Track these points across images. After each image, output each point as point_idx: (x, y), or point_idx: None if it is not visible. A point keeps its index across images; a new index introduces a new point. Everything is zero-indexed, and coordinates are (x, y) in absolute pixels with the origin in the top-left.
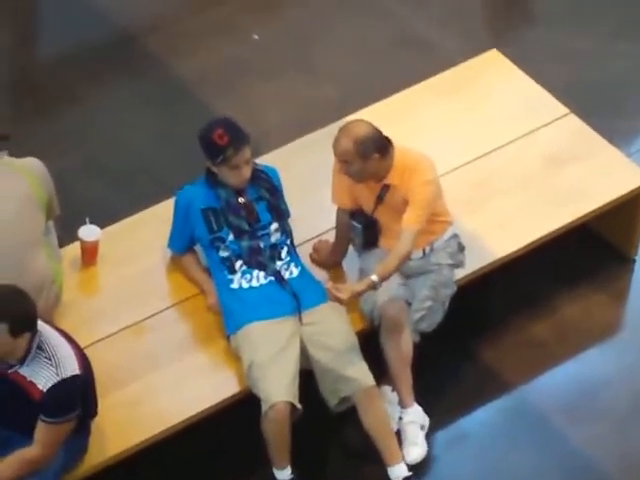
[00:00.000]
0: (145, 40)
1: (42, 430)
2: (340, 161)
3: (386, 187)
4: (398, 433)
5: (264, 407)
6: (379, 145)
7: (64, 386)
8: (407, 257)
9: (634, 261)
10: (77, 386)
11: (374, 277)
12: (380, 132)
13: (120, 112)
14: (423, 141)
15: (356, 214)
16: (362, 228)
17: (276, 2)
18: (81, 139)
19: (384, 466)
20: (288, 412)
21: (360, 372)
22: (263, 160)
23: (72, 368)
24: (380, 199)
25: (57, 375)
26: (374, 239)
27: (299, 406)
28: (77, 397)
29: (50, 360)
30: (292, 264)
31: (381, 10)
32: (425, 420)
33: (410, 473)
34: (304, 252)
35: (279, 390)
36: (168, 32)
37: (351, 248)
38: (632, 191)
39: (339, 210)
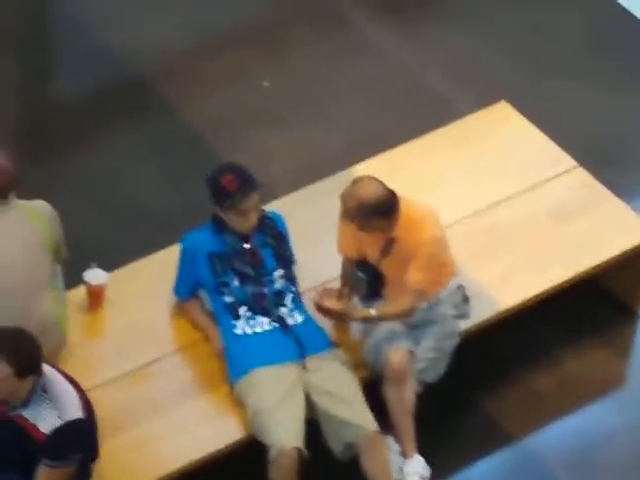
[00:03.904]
0: (156, 85)
1: (43, 474)
2: (344, 213)
3: (391, 240)
4: None
5: (272, 453)
6: (382, 210)
7: (67, 429)
8: (408, 314)
9: (639, 315)
10: (80, 429)
11: (373, 311)
12: (387, 195)
13: (129, 156)
14: (430, 192)
15: (362, 264)
16: (366, 279)
17: (286, 48)
18: (90, 182)
19: None
20: (297, 458)
21: (363, 418)
22: (270, 207)
23: (75, 411)
24: (385, 251)
25: (60, 418)
26: (378, 290)
27: (306, 452)
28: (80, 441)
29: (53, 403)
30: (296, 311)
31: (388, 59)
32: (426, 471)
33: None
34: (309, 299)
35: (288, 436)
36: (180, 78)
37: None
38: (638, 245)
39: (344, 260)
